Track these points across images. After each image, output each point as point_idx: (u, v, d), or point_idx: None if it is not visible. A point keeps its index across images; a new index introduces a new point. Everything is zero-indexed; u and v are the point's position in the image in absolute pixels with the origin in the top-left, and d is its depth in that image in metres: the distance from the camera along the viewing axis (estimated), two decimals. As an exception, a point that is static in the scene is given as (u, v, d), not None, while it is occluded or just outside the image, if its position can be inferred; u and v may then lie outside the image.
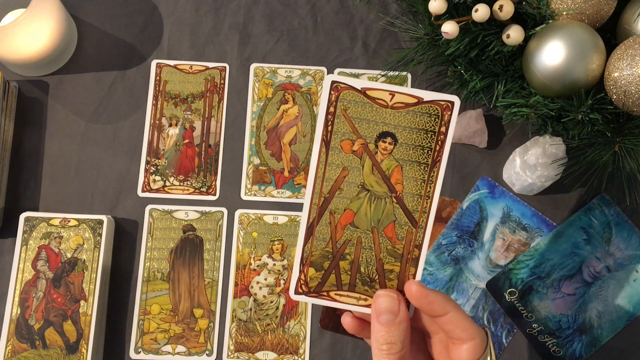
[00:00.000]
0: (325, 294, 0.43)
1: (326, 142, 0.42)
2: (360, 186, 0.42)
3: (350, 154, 0.42)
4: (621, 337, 0.65)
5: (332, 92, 0.41)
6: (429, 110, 0.41)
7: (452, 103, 0.41)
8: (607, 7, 0.61)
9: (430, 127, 0.42)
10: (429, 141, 0.42)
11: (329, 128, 0.42)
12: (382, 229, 0.43)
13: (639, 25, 0.61)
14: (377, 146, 0.42)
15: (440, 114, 0.41)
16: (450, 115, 0.41)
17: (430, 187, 0.42)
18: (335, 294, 0.43)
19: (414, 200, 0.42)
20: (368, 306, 0.43)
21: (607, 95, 0.60)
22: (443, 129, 0.42)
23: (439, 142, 0.42)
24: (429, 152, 0.42)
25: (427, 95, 0.41)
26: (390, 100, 0.41)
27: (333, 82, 0.41)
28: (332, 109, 0.41)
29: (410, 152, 0.42)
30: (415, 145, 0.42)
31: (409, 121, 0.41)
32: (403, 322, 0.41)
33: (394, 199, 0.42)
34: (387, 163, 0.42)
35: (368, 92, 0.41)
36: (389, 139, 0.42)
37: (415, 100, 0.41)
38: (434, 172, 0.42)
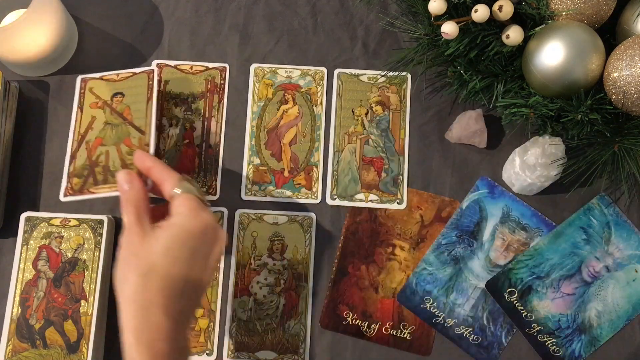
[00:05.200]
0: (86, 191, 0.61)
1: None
2: (104, 123, 0.64)
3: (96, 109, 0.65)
4: (620, 337, 0.65)
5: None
6: None
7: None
8: (606, 8, 0.61)
9: None
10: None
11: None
12: (121, 142, 0.63)
13: (638, 25, 0.61)
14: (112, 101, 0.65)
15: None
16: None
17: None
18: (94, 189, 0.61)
19: (140, 120, 0.63)
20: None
21: (606, 95, 0.61)
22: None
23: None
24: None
25: None
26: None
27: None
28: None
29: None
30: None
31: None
32: (135, 186, 0.53)
33: (128, 124, 0.64)
34: (121, 107, 0.65)
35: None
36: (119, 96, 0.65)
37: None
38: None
